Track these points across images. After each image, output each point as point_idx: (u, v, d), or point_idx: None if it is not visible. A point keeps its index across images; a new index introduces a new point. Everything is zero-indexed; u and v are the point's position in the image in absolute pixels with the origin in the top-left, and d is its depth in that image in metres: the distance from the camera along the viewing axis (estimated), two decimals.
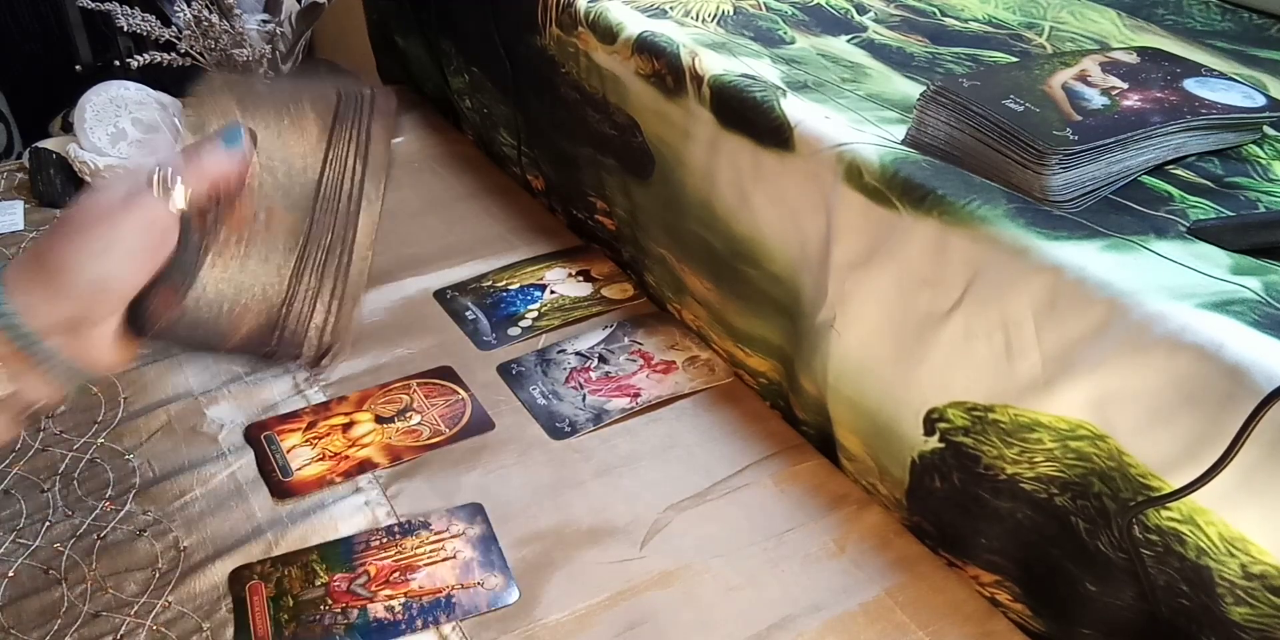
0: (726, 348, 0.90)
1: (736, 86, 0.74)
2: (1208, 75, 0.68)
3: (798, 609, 0.68)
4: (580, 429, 0.84)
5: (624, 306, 0.99)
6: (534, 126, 1.10)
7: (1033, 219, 0.57)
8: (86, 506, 0.75)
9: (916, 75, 0.76)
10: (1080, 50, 0.78)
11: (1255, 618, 0.51)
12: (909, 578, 0.71)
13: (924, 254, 0.62)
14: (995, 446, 0.63)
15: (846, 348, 0.72)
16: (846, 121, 0.68)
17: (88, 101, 1.11)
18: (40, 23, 1.79)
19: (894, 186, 0.63)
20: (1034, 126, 0.59)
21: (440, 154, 1.26)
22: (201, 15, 1.06)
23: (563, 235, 1.11)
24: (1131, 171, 0.61)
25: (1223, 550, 0.51)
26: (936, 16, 0.87)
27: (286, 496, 0.76)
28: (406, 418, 0.84)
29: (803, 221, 0.73)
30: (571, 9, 0.90)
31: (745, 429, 0.84)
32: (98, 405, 0.84)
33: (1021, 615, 0.68)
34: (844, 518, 0.76)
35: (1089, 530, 0.59)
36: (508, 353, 0.92)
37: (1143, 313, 0.51)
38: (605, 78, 0.89)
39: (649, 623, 0.67)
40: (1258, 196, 0.60)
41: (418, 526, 0.74)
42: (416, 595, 0.69)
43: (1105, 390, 0.54)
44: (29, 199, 1.12)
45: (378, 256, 0.56)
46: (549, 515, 0.75)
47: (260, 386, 0.87)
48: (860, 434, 0.75)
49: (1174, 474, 0.52)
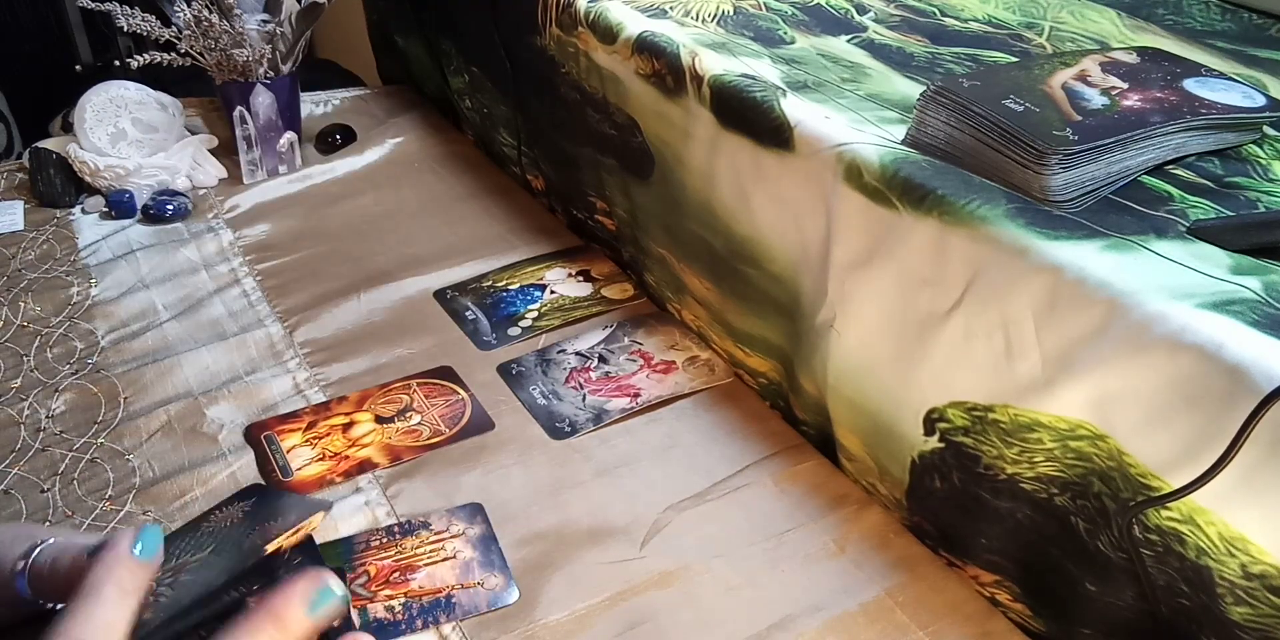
0: (726, 348, 0.90)
1: (736, 86, 0.74)
2: (1208, 75, 0.68)
3: (798, 609, 0.68)
4: (580, 429, 0.84)
5: (624, 306, 0.99)
6: (534, 126, 1.10)
7: (1033, 219, 0.57)
8: (86, 507, 0.75)
9: (916, 75, 0.76)
10: (1080, 50, 0.78)
11: (1255, 618, 0.51)
12: (909, 578, 0.71)
13: (924, 254, 0.62)
14: (995, 446, 0.63)
15: (846, 348, 0.72)
16: (846, 121, 0.68)
17: (88, 101, 1.11)
18: (40, 23, 1.80)
19: (894, 186, 0.63)
20: (1034, 126, 0.59)
21: (440, 154, 1.26)
22: (201, 15, 1.06)
23: (563, 235, 1.11)
24: (1131, 171, 0.61)
25: (1223, 550, 0.51)
26: (936, 16, 0.87)
27: None
28: (406, 418, 0.84)
29: (803, 221, 0.73)
30: (571, 9, 0.90)
31: (745, 429, 0.84)
32: (98, 405, 0.84)
33: (1021, 615, 0.68)
34: (844, 518, 0.76)
35: (1089, 530, 0.59)
36: (508, 353, 0.92)
37: (1143, 313, 0.51)
38: (605, 78, 0.89)
39: (649, 623, 0.67)
40: (1258, 196, 0.60)
41: (418, 526, 0.74)
42: (416, 595, 0.69)
43: (1105, 390, 0.54)
44: (29, 199, 1.12)
45: (378, 256, 0.55)
46: (549, 515, 0.75)
47: (260, 386, 0.87)
48: (860, 434, 0.75)
49: (1174, 474, 0.52)
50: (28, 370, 0.88)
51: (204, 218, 1.11)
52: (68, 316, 0.95)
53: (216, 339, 0.93)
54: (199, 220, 1.11)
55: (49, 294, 0.98)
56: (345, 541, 0.73)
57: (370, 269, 1.02)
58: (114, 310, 0.96)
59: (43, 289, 0.98)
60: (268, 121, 1.15)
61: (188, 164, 1.15)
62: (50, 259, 1.03)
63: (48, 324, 0.94)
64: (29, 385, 0.86)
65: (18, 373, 0.88)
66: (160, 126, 1.14)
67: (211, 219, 1.11)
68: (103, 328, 0.94)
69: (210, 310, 0.97)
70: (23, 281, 0.99)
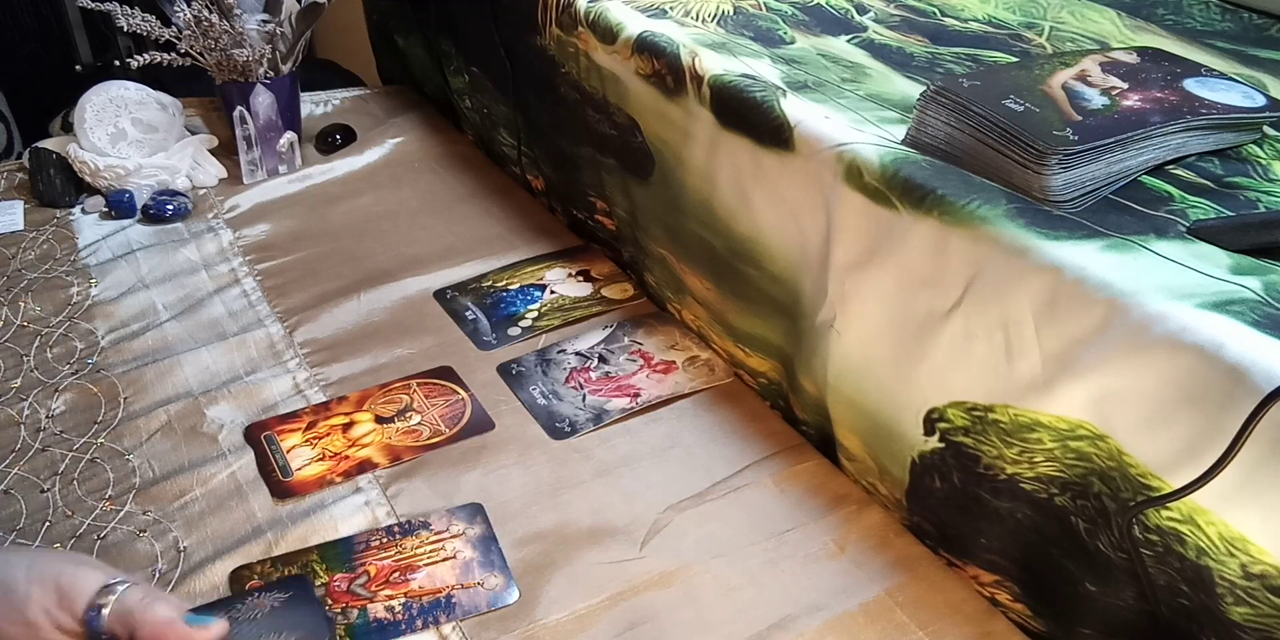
0: (726, 348, 0.90)
1: (736, 86, 0.74)
2: (1208, 75, 0.68)
3: (798, 609, 0.68)
4: (580, 429, 0.84)
5: (624, 306, 0.99)
6: (534, 126, 1.10)
7: (1033, 219, 0.57)
8: (86, 507, 0.75)
9: (916, 75, 0.76)
10: (1080, 50, 0.78)
11: (1255, 618, 0.51)
12: (909, 578, 0.71)
13: (924, 254, 0.62)
14: (995, 446, 0.63)
15: (846, 348, 0.72)
16: (846, 121, 0.68)
17: (88, 101, 1.11)
18: (40, 23, 1.79)
19: (894, 186, 0.63)
20: (1034, 126, 0.59)
21: (440, 154, 1.26)
22: (201, 15, 1.06)
23: (563, 235, 1.11)
24: (1131, 171, 0.61)
25: (1223, 550, 0.51)
26: (936, 16, 0.87)
27: (286, 496, 0.76)
28: (406, 418, 0.84)
29: (803, 221, 0.73)
30: (571, 9, 0.90)
31: (745, 429, 0.84)
32: (98, 405, 0.84)
33: (1021, 615, 0.68)
34: (844, 518, 0.76)
35: (1089, 530, 0.59)
36: (508, 353, 0.92)
37: (1143, 313, 0.51)
38: (605, 78, 0.89)
39: (649, 623, 0.67)
40: (1258, 196, 0.60)
41: (418, 526, 0.74)
42: (416, 595, 0.69)
43: (1105, 390, 0.54)
44: (29, 199, 1.12)
45: (378, 256, 0.55)
46: (549, 515, 0.75)
47: (260, 386, 0.87)
48: (860, 434, 0.75)
49: (1174, 474, 0.52)
50: (28, 370, 0.88)
51: (204, 218, 1.11)
52: (68, 316, 0.95)
53: (216, 339, 0.93)
54: (199, 220, 1.11)
55: (49, 294, 0.98)
56: (345, 541, 0.73)
57: (370, 269, 1.02)
58: (114, 310, 0.96)
59: (43, 289, 0.98)
60: (268, 121, 1.15)
61: (188, 164, 1.15)
62: (50, 259, 1.03)
63: (48, 324, 0.94)
64: (29, 385, 0.86)
65: (18, 373, 0.88)
66: (160, 126, 1.14)
67: (211, 219, 1.11)
68: (103, 328, 0.94)
69: (210, 310, 0.97)
70: (23, 281, 0.99)
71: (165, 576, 0.70)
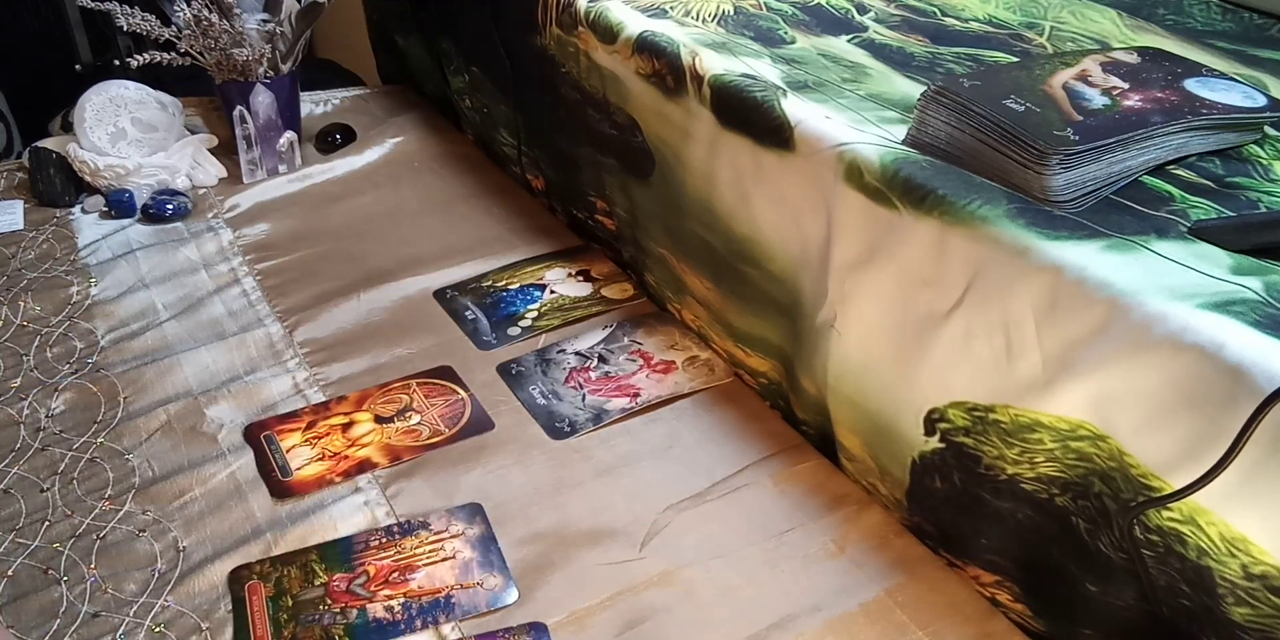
0: (726, 348, 0.90)
1: (737, 86, 0.74)
2: (1208, 75, 0.68)
3: (798, 609, 0.68)
4: (580, 429, 0.84)
5: (624, 306, 0.99)
6: (534, 126, 1.09)
7: (1033, 219, 0.57)
8: (86, 506, 0.75)
9: (917, 75, 0.76)
10: (1081, 50, 0.78)
11: (1256, 618, 0.51)
12: (909, 578, 0.71)
13: (924, 254, 0.62)
14: (996, 447, 0.63)
15: (847, 348, 0.72)
16: (847, 121, 0.68)
17: (88, 101, 1.10)
18: (40, 23, 1.79)
19: (894, 186, 0.63)
20: (1035, 126, 0.59)
21: (440, 154, 1.26)
22: (201, 15, 1.06)
23: (563, 235, 1.11)
24: (1132, 171, 0.61)
25: (1224, 551, 0.51)
26: (937, 16, 0.87)
27: (286, 496, 0.76)
28: (406, 417, 0.84)
29: (803, 221, 0.73)
30: (571, 9, 0.90)
31: (745, 429, 0.84)
32: (97, 405, 0.84)
33: (1022, 615, 0.68)
34: (844, 518, 0.76)
35: (1090, 531, 0.59)
36: (508, 353, 0.92)
37: (1143, 313, 0.51)
38: (605, 77, 0.89)
39: (649, 623, 0.67)
40: (1259, 196, 0.60)
41: (417, 526, 0.74)
42: (416, 595, 0.69)
43: (1106, 390, 0.54)
44: (29, 198, 1.12)
45: (378, 256, 0.55)
46: (548, 515, 0.75)
47: (260, 386, 0.87)
48: (860, 434, 0.75)
49: (1175, 474, 0.52)
50: (27, 370, 0.88)
51: (204, 217, 1.11)
52: (68, 316, 0.95)
53: (216, 339, 0.93)
54: (199, 220, 1.11)
55: (49, 293, 0.98)
56: (345, 541, 0.73)
57: (370, 269, 1.02)
58: (114, 310, 0.96)
59: (43, 288, 0.98)
60: (268, 121, 1.15)
61: (187, 163, 1.15)
62: (50, 258, 1.03)
63: (48, 323, 0.94)
64: (29, 385, 0.86)
65: (17, 372, 0.87)
66: (160, 126, 1.14)
67: (211, 218, 1.11)
68: (102, 327, 0.93)
69: (210, 310, 0.96)
70: (23, 281, 0.99)
71: (165, 576, 0.70)
